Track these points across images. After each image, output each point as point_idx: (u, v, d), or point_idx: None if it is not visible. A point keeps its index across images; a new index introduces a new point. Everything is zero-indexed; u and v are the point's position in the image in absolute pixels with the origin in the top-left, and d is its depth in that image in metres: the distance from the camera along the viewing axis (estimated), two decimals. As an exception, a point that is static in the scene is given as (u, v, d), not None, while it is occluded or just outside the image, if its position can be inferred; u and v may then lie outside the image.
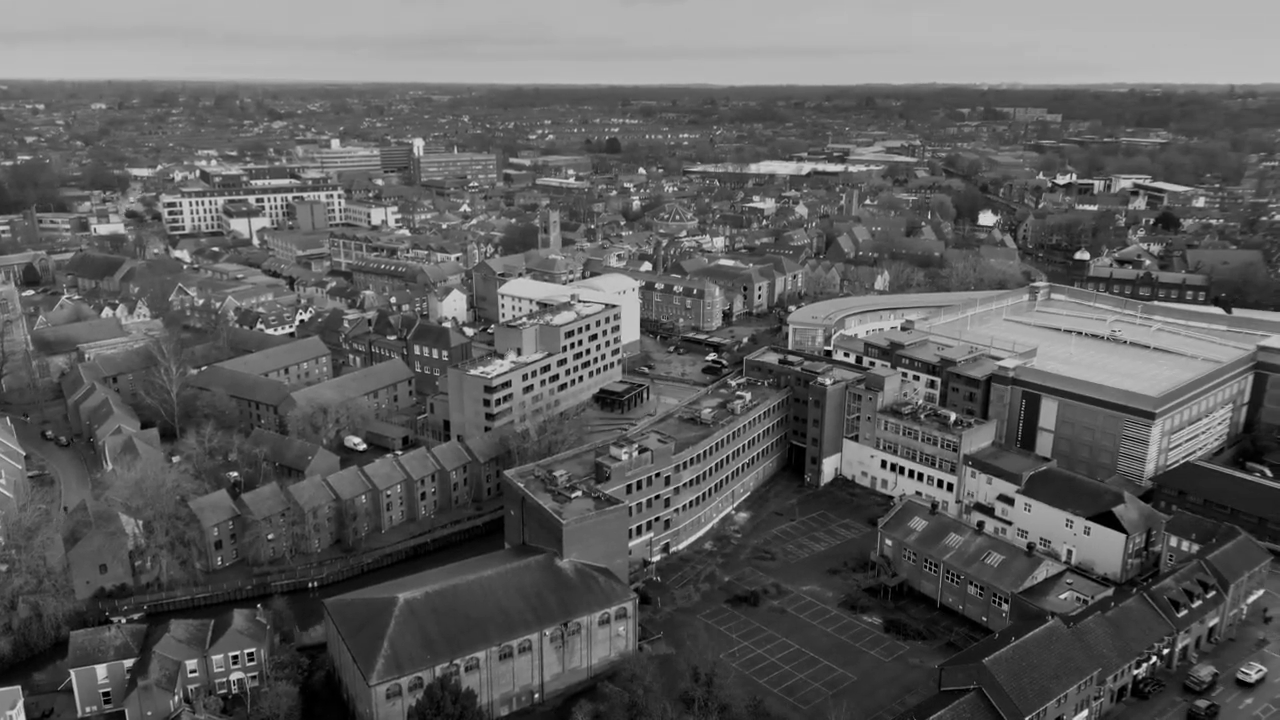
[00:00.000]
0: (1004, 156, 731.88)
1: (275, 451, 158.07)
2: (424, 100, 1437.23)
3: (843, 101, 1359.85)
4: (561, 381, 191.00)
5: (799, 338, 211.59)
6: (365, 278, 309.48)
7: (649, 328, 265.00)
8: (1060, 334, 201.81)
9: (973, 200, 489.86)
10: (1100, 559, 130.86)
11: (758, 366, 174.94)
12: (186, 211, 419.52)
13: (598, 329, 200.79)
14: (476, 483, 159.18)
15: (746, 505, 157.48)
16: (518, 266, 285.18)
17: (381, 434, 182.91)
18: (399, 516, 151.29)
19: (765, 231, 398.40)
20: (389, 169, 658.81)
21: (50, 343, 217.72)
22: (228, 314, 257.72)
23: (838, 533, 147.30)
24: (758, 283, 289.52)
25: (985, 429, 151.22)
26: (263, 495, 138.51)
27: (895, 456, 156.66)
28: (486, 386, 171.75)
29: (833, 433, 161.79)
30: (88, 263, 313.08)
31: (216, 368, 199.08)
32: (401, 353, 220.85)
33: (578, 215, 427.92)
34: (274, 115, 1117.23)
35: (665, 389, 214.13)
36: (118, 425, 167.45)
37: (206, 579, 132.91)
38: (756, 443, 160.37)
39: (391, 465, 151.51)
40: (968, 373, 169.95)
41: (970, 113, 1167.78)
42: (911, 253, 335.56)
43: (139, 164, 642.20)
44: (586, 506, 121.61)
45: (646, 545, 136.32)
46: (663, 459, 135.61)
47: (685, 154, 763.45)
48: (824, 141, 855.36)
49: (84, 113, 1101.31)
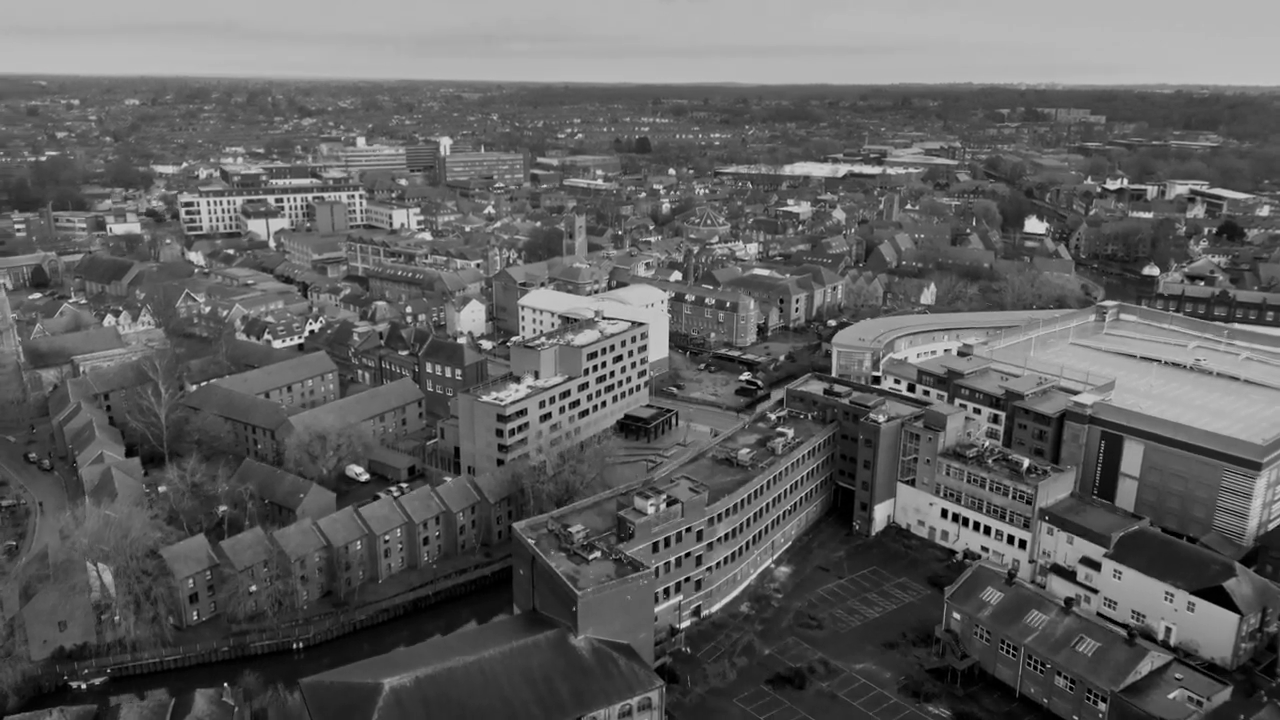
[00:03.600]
0: (1048, 159, 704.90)
1: (265, 487, 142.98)
2: (454, 98, 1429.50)
3: (878, 101, 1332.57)
4: (583, 408, 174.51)
5: (844, 362, 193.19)
6: (381, 284, 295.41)
7: (678, 342, 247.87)
8: (1136, 362, 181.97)
9: (1018, 206, 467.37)
10: (1206, 641, 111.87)
11: (800, 397, 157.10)
12: (204, 211, 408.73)
13: (623, 349, 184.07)
14: (486, 525, 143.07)
15: (788, 557, 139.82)
16: (540, 275, 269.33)
17: (386, 463, 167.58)
18: (398, 563, 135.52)
19: (801, 237, 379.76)
20: (414, 168, 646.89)
21: (43, 354, 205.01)
22: (234, 323, 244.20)
23: (893, 594, 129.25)
24: (795, 295, 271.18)
25: (1064, 479, 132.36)
26: (244, 543, 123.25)
27: (958, 506, 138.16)
28: (500, 415, 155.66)
29: (886, 476, 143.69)
30: (96, 265, 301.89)
31: (212, 386, 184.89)
32: (413, 369, 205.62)
33: (605, 218, 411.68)
34: (304, 112, 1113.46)
35: (695, 413, 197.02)
36: (100, 451, 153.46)
37: (178, 637, 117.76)
38: (800, 486, 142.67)
39: (390, 507, 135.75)
40: (1037, 408, 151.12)
41: (1010, 113, 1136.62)
42: (959, 263, 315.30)
43: (165, 160, 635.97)
44: (606, 572, 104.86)
45: (674, 610, 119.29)
46: (694, 511, 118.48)
47: (716, 154, 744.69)
48: (860, 142, 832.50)
49: (117, 108, 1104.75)
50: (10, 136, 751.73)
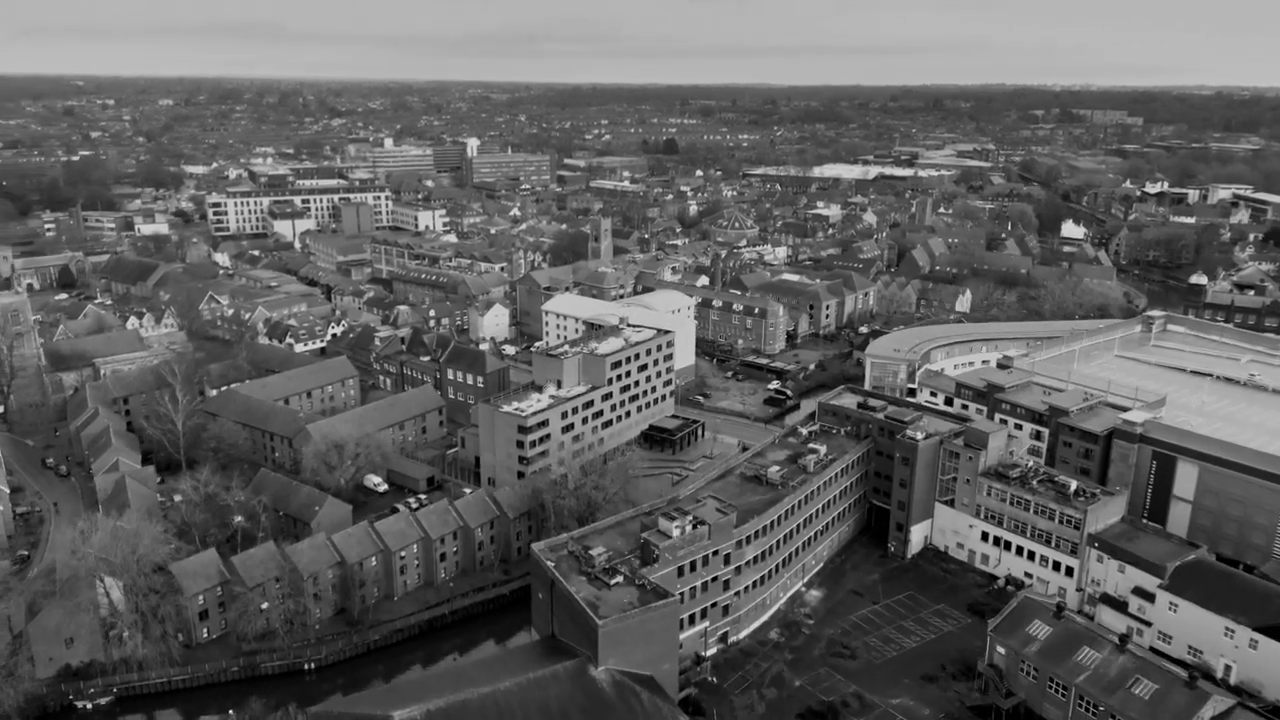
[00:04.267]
0: (1084, 162, 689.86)
1: (279, 498, 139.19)
2: (482, 99, 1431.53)
3: (909, 102, 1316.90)
4: (606, 418, 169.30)
5: (877, 373, 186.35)
6: (405, 287, 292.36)
7: (705, 349, 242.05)
8: (1187, 376, 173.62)
9: (1055, 210, 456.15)
10: (1271, 681, 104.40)
11: (833, 411, 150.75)
12: (231, 212, 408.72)
13: (648, 358, 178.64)
14: (505, 541, 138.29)
15: (819, 580, 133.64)
16: (565, 280, 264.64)
17: (405, 473, 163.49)
18: (414, 580, 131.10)
19: (831, 241, 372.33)
20: (441, 169, 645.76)
21: (64, 357, 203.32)
22: (257, 325, 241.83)
23: (931, 622, 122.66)
24: (825, 301, 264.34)
25: (1114, 503, 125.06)
26: (256, 558, 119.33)
27: (1000, 529, 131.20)
28: (521, 426, 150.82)
29: (923, 495, 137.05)
30: (122, 266, 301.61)
31: (231, 392, 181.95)
32: (435, 375, 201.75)
33: (631, 221, 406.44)
34: (334, 113, 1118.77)
35: (722, 424, 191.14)
36: (115, 459, 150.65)
37: (187, 656, 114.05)
38: (832, 505, 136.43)
39: (407, 521, 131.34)
40: (1084, 425, 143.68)
41: (1044, 115, 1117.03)
42: (994, 269, 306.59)
43: (196, 161, 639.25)
44: (629, 599, 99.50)
45: (700, 637, 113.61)
46: (722, 534, 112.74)
47: (745, 155, 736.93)
48: (890, 144, 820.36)
49: (151, 108, 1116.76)
50: (45, 136, 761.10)
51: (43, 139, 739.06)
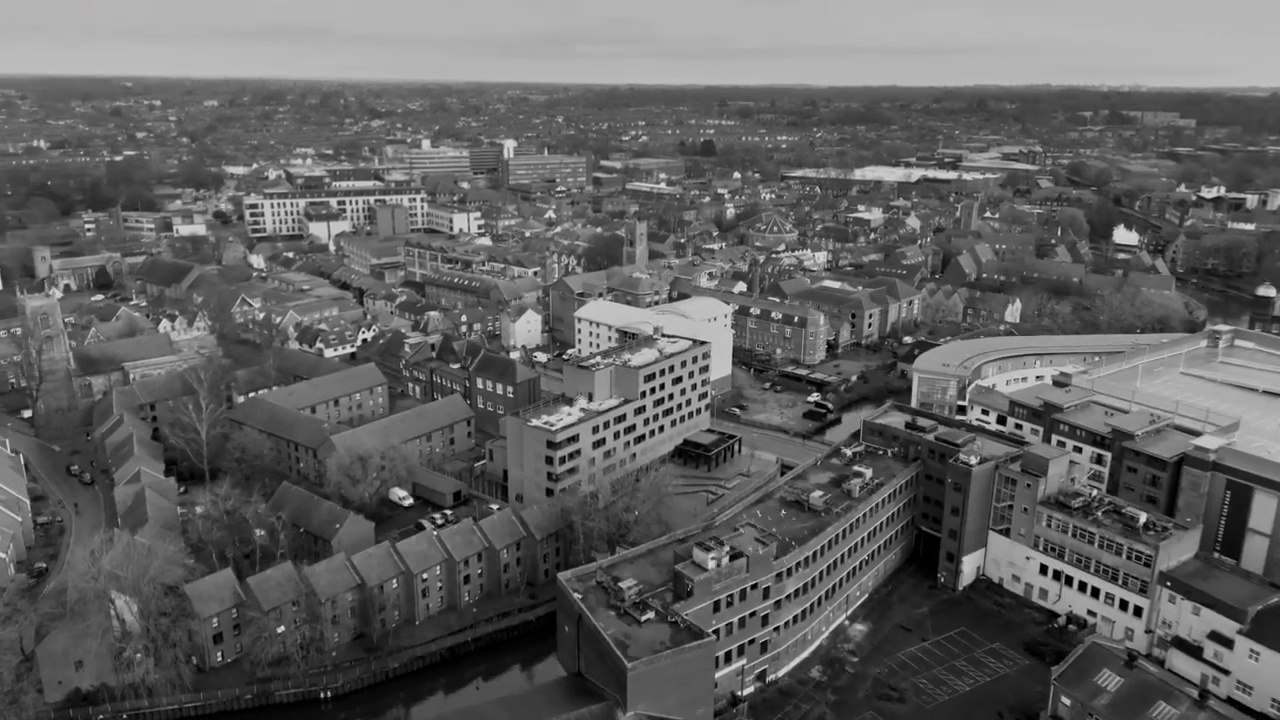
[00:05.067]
0: (1135, 165, 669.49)
1: (300, 514, 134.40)
2: (521, 100, 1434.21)
3: (952, 103, 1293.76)
4: (639, 433, 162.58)
5: (925, 389, 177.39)
6: (438, 291, 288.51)
7: (742, 358, 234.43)
8: (1258, 396, 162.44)
9: (1106, 215, 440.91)
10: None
11: (879, 431, 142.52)
12: (268, 213, 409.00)
13: (683, 370, 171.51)
14: (531, 563, 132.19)
15: (864, 613, 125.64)
16: (599, 285, 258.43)
17: (431, 487, 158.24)
18: (437, 603, 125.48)
19: (873, 246, 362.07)
20: (478, 170, 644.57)
21: (93, 360, 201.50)
22: (287, 330, 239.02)
23: (985, 663, 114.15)
24: (868, 309, 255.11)
25: (1188, 538, 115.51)
26: (273, 580, 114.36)
27: (1061, 563, 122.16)
28: (550, 441, 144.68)
29: (976, 523, 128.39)
30: (157, 268, 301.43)
31: (257, 399, 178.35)
32: (464, 383, 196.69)
33: (667, 224, 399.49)
34: (374, 114, 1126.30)
35: (759, 439, 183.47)
36: (137, 469, 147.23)
37: (199, 682, 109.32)
38: (879, 532, 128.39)
39: (430, 542, 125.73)
40: (1150, 450, 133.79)
41: (1092, 116, 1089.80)
42: (1045, 277, 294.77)
43: (237, 161, 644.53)
44: (661, 638, 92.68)
45: (736, 675, 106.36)
46: (761, 566, 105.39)
47: (783, 157, 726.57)
48: (933, 146, 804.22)
49: (196, 109, 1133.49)
50: (91, 136, 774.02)
51: (89, 139, 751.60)
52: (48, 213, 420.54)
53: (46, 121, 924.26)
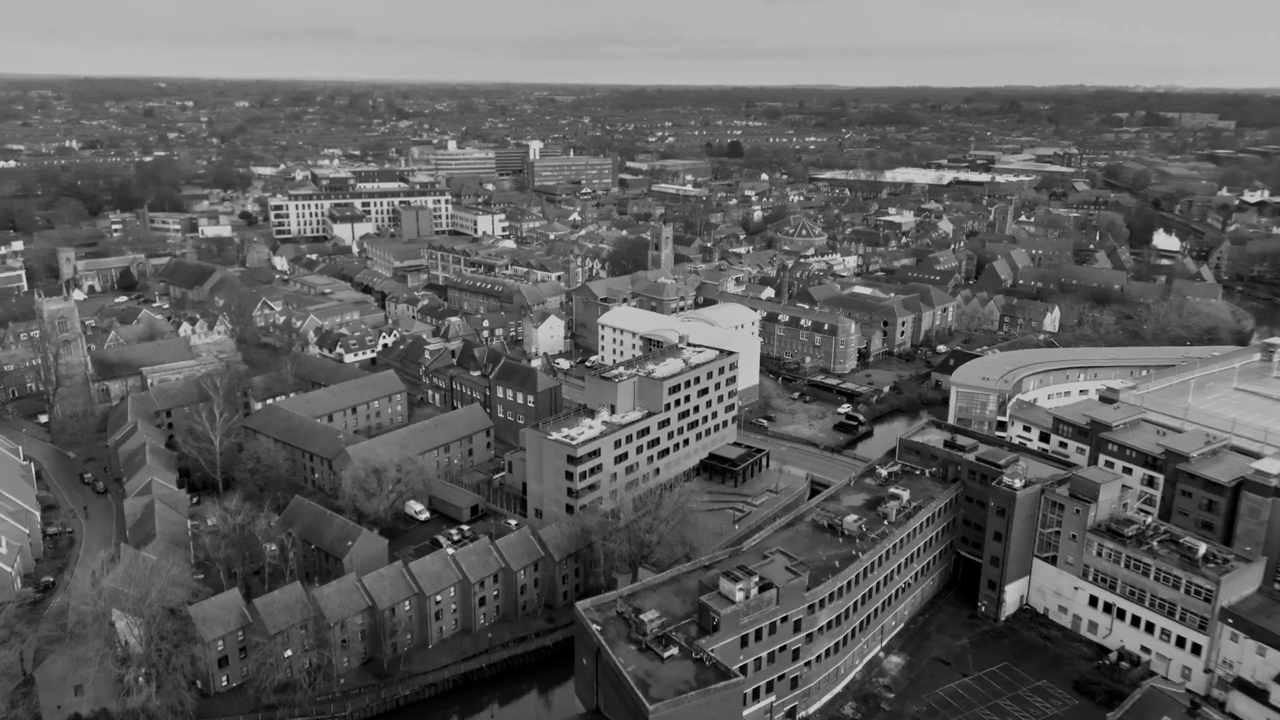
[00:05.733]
0: (1174, 167, 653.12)
1: (311, 530, 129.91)
2: (548, 101, 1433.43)
3: (983, 104, 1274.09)
4: (662, 446, 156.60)
5: (963, 403, 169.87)
6: (460, 295, 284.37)
7: (770, 366, 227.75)
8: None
9: (1146, 219, 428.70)
10: None
11: (916, 449, 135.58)
12: (293, 215, 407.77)
13: (709, 381, 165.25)
14: (550, 585, 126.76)
15: (900, 644, 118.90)
16: (623, 291, 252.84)
17: (448, 500, 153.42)
18: (450, 626, 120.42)
19: (905, 251, 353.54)
20: (504, 171, 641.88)
21: (111, 365, 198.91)
22: (308, 334, 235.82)
23: (1032, 702, 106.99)
24: (900, 317, 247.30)
25: (1251, 571, 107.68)
26: (280, 602, 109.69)
27: (1112, 594, 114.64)
28: (570, 456, 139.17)
29: (1020, 550, 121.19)
30: (180, 270, 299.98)
31: (273, 407, 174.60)
32: (485, 391, 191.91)
33: (693, 227, 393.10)
34: (402, 115, 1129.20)
35: (788, 454, 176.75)
36: (149, 479, 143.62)
37: (202, 708, 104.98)
38: (916, 558, 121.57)
39: (444, 563, 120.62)
40: (1206, 473, 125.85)
41: (1128, 117, 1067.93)
42: (1084, 284, 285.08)
43: (265, 162, 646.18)
44: (684, 676, 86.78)
45: (765, 713, 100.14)
46: (792, 598, 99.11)
47: (811, 159, 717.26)
48: (965, 147, 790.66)
49: (227, 109, 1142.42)
50: (123, 137, 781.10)
51: (120, 139, 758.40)
52: (76, 213, 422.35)
53: (80, 122, 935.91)
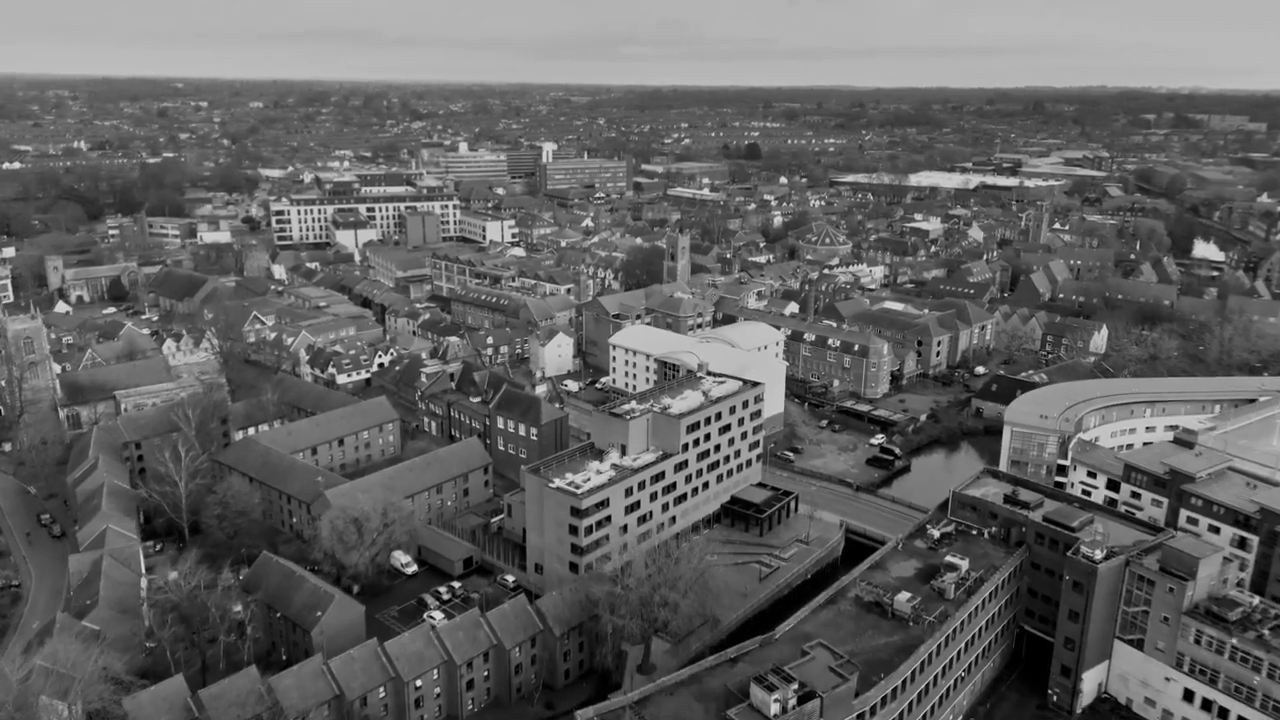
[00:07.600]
0: (1209, 171, 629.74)
1: (278, 595, 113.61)
2: (563, 101, 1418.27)
3: (1006, 105, 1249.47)
4: (679, 491, 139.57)
5: (1018, 444, 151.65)
6: (464, 309, 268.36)
7: (795, 389, 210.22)
8: None
9: (1185, 226, 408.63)
10: None
11: (971, 505, 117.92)
12: (295, 220, 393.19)
13: (732, 416, 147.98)
14: (549, 663, 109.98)
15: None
16: (636, 306, 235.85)
17: (438, 551, 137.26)
18: (433, 714, 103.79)
19: (934, 261, 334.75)
20: (516, 174, 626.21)
21: (82, 388, 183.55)
22: (299, 353, 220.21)
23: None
24: (936, 335, 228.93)
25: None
26: (231, 694, 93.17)
27: (1213, 690, 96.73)
28: (574, 509, 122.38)
29: (1101, 630, 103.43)
30: (171, 280, 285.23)
31: (250, 440, 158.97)
32: (484, 420, 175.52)
33: (710, 234, 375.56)
34: (416, 115, 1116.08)
35: (818, 494, 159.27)
36: (103, 527, 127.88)
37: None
38: (977, 639, 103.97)
39: (426, 641, 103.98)
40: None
41: (1156, 119, 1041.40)
42: (1130, 299, 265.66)
43: (274, 164, 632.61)
44: (708, 822, 69.73)
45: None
46: (839, 708, 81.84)
47: (831, 161, 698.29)
48: (990, 150, 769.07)
49: (241, 110, 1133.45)
50: (133, 137, 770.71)
51: (130, 139, 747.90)
52: (74, 217, 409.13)
53: (93, 122, 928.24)
